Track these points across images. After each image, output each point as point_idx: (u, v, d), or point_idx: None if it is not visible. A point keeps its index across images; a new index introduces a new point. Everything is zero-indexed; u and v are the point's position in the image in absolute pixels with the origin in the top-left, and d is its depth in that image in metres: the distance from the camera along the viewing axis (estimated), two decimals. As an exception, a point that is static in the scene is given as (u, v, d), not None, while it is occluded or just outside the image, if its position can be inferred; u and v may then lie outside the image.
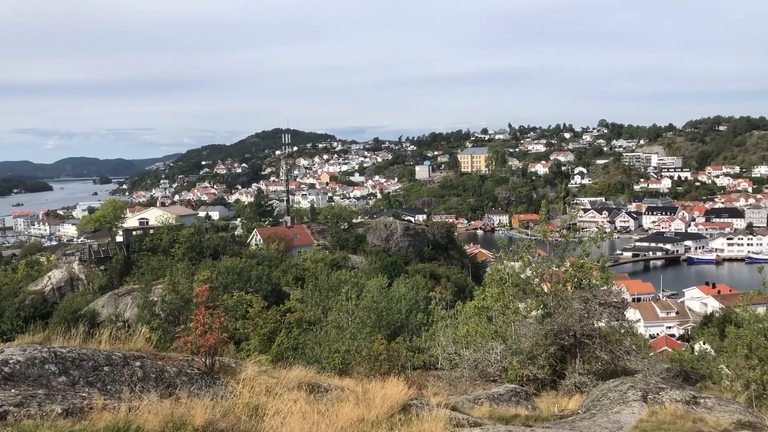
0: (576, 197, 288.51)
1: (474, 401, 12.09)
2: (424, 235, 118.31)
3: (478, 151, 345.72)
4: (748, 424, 8.68)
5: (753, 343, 18.59)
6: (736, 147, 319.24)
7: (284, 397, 8.77)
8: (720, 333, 47.51)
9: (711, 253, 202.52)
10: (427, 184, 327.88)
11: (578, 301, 18.88)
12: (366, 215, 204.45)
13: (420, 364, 26.61)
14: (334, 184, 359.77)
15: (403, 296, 43.23)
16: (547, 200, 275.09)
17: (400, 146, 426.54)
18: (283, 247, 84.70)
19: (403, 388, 9.67)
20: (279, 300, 50.28)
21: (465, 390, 15.88)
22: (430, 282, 74.33)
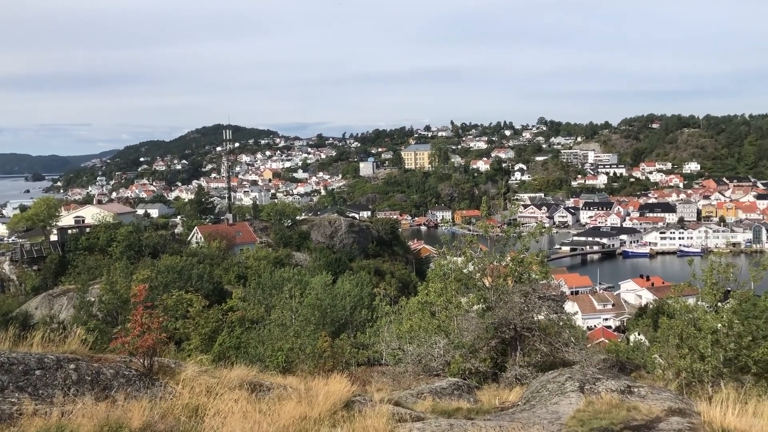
0: (516, 193, 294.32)
1: (417, 396, 12.17)
2: (368, 231, 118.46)
3: (422, 148, 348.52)
4: (678, 411, 9.03)
5: (684, 333, 19.30)
6: (668, 144, 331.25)
7: (225, 396, 8.64)
8: (653, 324, 49.24)
9: (645, 246, 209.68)
10: (371, 180, 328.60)
11: (518, 295, 19.23)
12: (310, 212, 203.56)
13: (364, 361, 26.64)
14: (277, 181, 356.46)
15: (347, 293, 43.21)
16: (488, 196, 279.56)
17: (344, 143, 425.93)
18: (225, 245, 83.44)
19: (346, 384, 9.66)
20: (221, 299, 49.49)
21: (409, 385, 15.97)
22: (375, 278, 74.63)
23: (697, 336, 18.62)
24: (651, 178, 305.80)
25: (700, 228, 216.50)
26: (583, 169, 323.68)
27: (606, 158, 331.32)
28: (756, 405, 8.34)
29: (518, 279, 21.88)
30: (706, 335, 18.23)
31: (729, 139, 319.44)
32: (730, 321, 18.69)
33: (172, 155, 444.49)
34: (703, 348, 18.01)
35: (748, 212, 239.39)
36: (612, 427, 8.27)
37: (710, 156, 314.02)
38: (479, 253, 23.49)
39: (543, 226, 28.17)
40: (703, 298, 20.32)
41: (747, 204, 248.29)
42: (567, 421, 8.75)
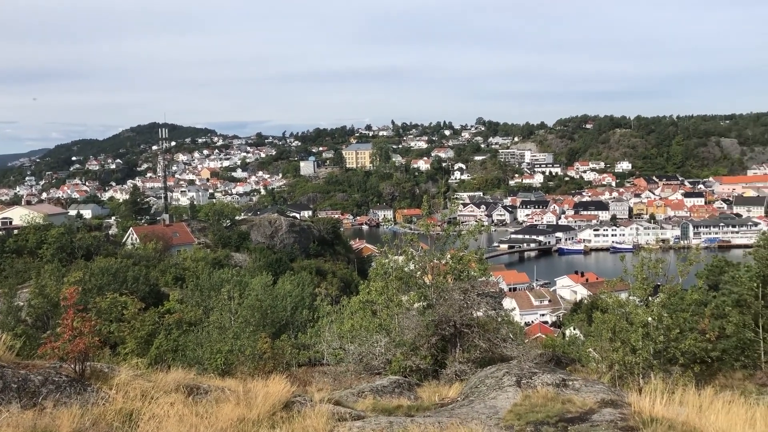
0: (456, 192, 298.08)
1: (358, 394, 12.18)
2: (309, 231, 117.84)
3: (363, 147, 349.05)
4: (610, 402, 9.32)
5: (616, 327, 19.93)
6: (601, 144, 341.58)
7: (161, 400, 8.43)
8: (588, 318, 50.67)
9: (579, 243, 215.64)
10: (312, 180, 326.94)
11: (458, 292, 19.46)
12: (249, 212, 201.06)
13: (305, 361, 26.49)
14: (216, 181, 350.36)
15: (288, 293, 42.84)
16: (428, 195, 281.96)
17: (284, 142, 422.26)
18: (162, 246, 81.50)
19: (286, 385, 9.57)
20: (158, 301, 48.24)
21: (350, 384, 15.96)
22: (316, 278, 74.25)
23: (628, 329, 19.25)
24: (585, 177, 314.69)
25: (632, 225, 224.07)
26: (520, 169, 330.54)
27: (542, 158, 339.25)
28: (682, 394, 8.69)
29: (458, 276, 22.14)
30: (638, 329, 18.88)
31: (658, 139, 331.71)
32: (660, 314, 19.40)
33: (105, 154, 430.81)
34: (635, 341, 18.64)
35: (676, 209, 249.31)
36: (548, 420, 8.47)
37: (641, 155, 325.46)
38: (420, 251, 23.69)
39: (482, 224, 28.61)
40: (635, 292, 21.03)
41: (675, 202, 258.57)
42: (504, 416, 8.92)
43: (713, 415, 7.74)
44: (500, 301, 24.38)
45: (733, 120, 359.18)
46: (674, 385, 9.84)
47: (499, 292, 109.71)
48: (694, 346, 19.33)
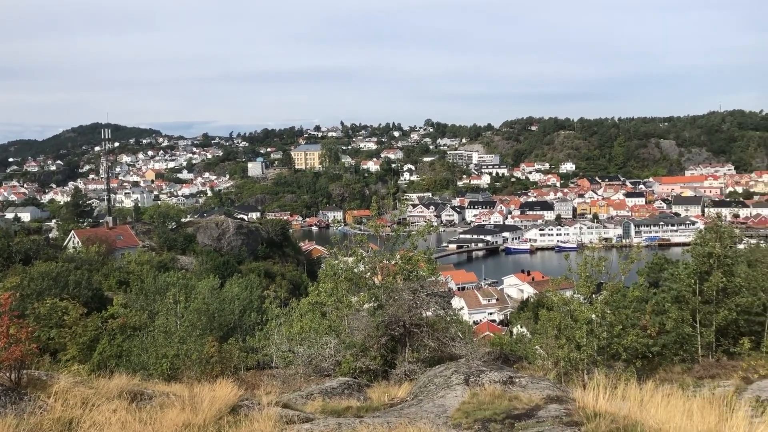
0: (405, 193, 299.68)
1: (307, 397, 12.10)
2: (257, 233, 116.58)
3: (312, 148, 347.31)
4: (556, 398, 9.50)
5: (561, 324, 20.37)
6: (545, 145, 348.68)
7: (103, 408, 8.18)
8: (534, 316, 51.60)
9: (526, 243, 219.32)
10: (260, 181, 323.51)
11: (407, 292, 19.53)
12: (196, 214, 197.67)
13: (254, 364, 26.20)
14: (161, 182, 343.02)
15: (236, 296, 42.32)
16: (378, 196, 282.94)
17: (232, 142, 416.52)
18: (105, 249, 79.34)
19: (233, 389, 9.43)
20: (101, 306, 46.98)
21: (299, 387, 15.84)
22: (265, 281, 73.54)
23: (573, 327, 19.68)
24: (530, 178, 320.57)
25: (576, 225, 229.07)
26: (468, 170, 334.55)
27: (489, 159, 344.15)
28: (624, 389, 8.91)
29: (407, 277, 22.25)
30: (582, 326, 19.31)
31: (601, 140, 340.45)
32: (603, 311, 19.91)
33: (45, 155, 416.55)
34: (579, 338, 19.07)
35: (618, 209, 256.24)
36: (495, 417, 8.58)
37: (584, 156, 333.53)
38: (370, 252, 23.72)
39: (431, 225, 28.83)
40: (579, 290, 21.52)
41: (617, 201, 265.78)
42: (453, 414, 8.99)
43: (653, 408, 7.96)
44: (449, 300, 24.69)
45: (671, 122, 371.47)
46: (617, 380, 10.09)
47: (447, 292, 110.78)
48: (635, 341, 19.90)
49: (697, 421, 7.28)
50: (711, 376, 19.68)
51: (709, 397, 9.76)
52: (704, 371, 20.84)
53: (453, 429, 8.39)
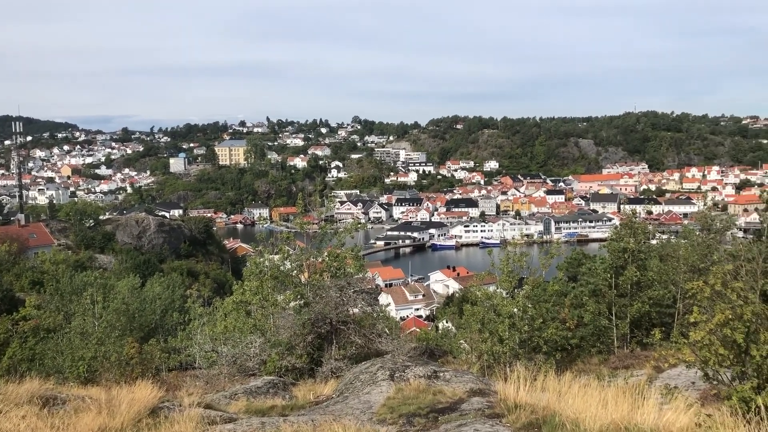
0: (333, 190, 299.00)
1: (231, 397, 11.91)
2: (180, 230, 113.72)
3: (237, 143, 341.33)
4: (478, 391, 9.70)
5: (485, 319, 20.83)
6: (470, 144, 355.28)
7: (11, 414, 7.78)
8: (459, 311, 52.48)
9: (451, 239, 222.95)
10: (182, 177, 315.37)
11: (334, 290, 19.49)
12: (115, 211, 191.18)
13: (176, 365, 25.57)
14: (77, 178, 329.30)
15: (157, 296, 41.18)
16: (304, 193, 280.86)
17: (153, 137, 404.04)
18: (16, 248, 75.48)
19: (153, 390, 9.16)
20: (12, 307, 44.66)
21: (223, 387, 15.55)
22: (188, 279, 71.93)
23: (496, 321, 20.15)
24: (456, 176, 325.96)
25: (499, 221, 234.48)
26: (396, 167, 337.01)
27: (416, 156, 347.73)
28: (544, 381, 9.19)
29: (334, 274, 22.23)
30: (504, 320, 19.81)
31: (523, 139, 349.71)
32: (525, 305, 20.49)
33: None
34: (502, 331, 19.55)
35: (539, 206, 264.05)
36: (419, 412, 8.68)
37: (507, 155, 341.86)
38: (296, 249, 23.55)
39: (358, 222, 28.93)
40: (501, 285, 22.05)
41: (538, 199, 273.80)
42: (378, 410, 9.04)
43: (571, 398, 8.24)
44: (376, 297, 24.76)
45: (589, 122, 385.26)
46: (537, 372, 10.39)
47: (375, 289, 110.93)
48: (555, 334, 20.57)
49: (612, 409, 7.58)
50: (625, 367, 20.57)
51: (623, 386, 10.18)
52: (619, 362, 21.76)
53: (378, 425, 8.43)
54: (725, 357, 9.44)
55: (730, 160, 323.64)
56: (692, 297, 11.47)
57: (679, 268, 25.75)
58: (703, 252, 27.24)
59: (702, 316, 9.81)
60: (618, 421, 7.21)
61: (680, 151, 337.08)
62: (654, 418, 7.36)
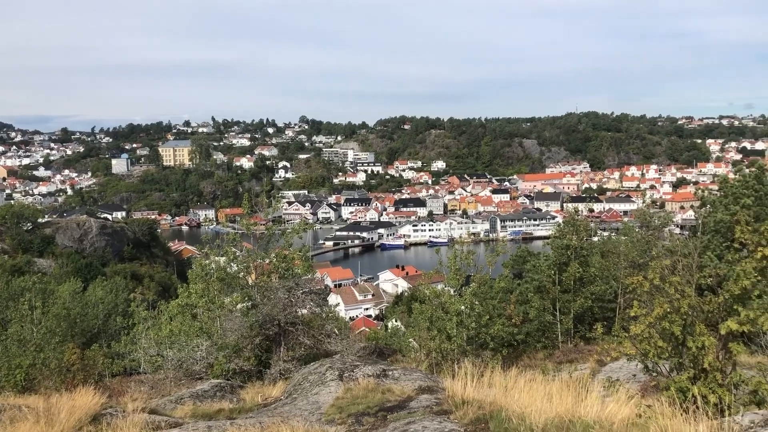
0: (281, 191, 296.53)
1: (177, 401, 11.68)
2: (123, 233, 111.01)
3: (181, 144, 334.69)
4: (427, 389, 9.78)
5: (433, 317, 21.02)
6: (418, 144, 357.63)
7: (-58, 427, 7.46)
8: (408, 310, 52.79)
9: (400, 239, 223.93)
10: (125, 178, 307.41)
11: (282, 291, 19.35)
12: (55, 213, 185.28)
13: (120, 371, 24.94)
14: (14, 180, 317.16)
15: (100, 300, 40.09)
16: (249, 194, 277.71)
17: (94, 138, 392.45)
18: (-53, 253, 72.35)
19: (95, 397, 8.91)
20: (-57, 316, 42.77)
21: (169, 391, 15.26)
22: (132, 283, 70.28)
23: (444, 318, 20.36)
24: (404, 176, 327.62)
25: (447, 220, 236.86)
26: (344, 167, 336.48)
27: (364, 157, 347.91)
28: (490, 376, 9.33)
29: (282, 275, 22.05)
30: (452, 317, 20.03)
31: (469, 139, 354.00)
32: (472, 303, 20.75)
33: None
34: (450, 329, 19.76)
35: (485, 205, 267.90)
36: (368, 411, 8.70)
37: (454, 155, 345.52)
38: (243, 251, 23.26)
39: (306, 222, 28.79)
40: (449, 283, 22.29)
41: (484, 198, 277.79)
42: (327, 410, 9.02)
43: (517, 393, 8.39)
44: (325, 297, 24.70)
45: (533, 123, 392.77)
46: (484, 368, 10.55)
47: (324, 289, 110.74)
48: (502, 330, 20.91)
49: (556, 403, 7.75)
50: (570, 361, 21.05)
51: (568, 380, 10.41)
52: (564, 356, 22.25)
53: (327, 425, 8.41)
54: (664, 349, 9.77)
55: (667, 159, 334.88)
56: (632, 292, 11.85)
57: (619, 263, 26.53)
58: (642, 248, 28.12)
59: (642, 310, 10.13)
60: (562, 414, 7.37)
61: (620, 151, 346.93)
62: (597, 411, 7.56)
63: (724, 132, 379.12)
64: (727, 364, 9.46)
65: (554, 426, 6.98)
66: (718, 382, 9.23)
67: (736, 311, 9.27)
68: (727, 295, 9.47)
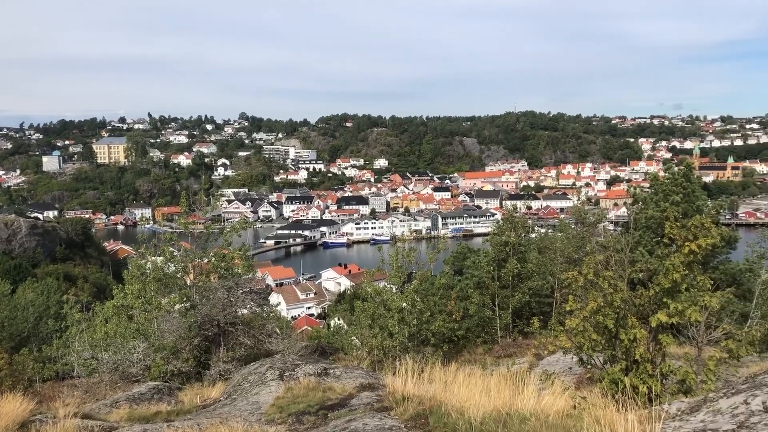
0: (220, 189, 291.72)
1: (112, 405, 11.36)
2: (55, 233, 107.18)
3: (116, 141, 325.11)
4: (368, 386, 9.81)
5: (375, 314, 21.09)
6: (360, 142, 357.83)
7: None
8: (351, 308, 52.81)
9: (342, 237, 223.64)
10: (57, 176, 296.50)
11: (222, 291, 19.08)
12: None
13: (52, 375, 24.13)
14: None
15: (30, 302, 38.62)
16: (189, 192, 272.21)
17: (23, 134, 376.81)
18: None
19: (23, 403, 8.57)
20: None
21: (104, 395, 14.84)
22: (64, 284, 67.99)
23: (386, 315, 20.46)
24: (346, 173, 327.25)
25: (389, 218, 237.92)
26: (285, 165, 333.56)
27: (306, 154, 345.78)
28: (430, 372, 9.43)
29: (222, 275, 21.74)
30: (394, 314, 20.14)
31: (410, 138, 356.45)
32: (413, 300, 20.92)
33: None
34: (392, 326, 19.87)
35: (427, 203, 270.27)
36: (309, 410, 8.66)
37: (396, 153, 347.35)
38: (181, 250, 22.83)
39: (245, 220, 28.43)
40: (391, 280, 22.40)
41: (426, 196, 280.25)
42: (267, 410, 8.94)
43: (457, 388, 8.50)
44: (266, 297, 24.47)
45: (473, 121, 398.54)
46: (425, 364, 10.65)
47: (265, 288, 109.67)
48: (443, 326, 21.15)
49: (494, 397, 7.90)
50: (508, 355, 21.49)
51: (506, 374, 10.61)
52: (503, 351, 22.69)
53: (266, 425, 8.33)
54: (598, 342, 10.07)
55: (601, 158, 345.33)
56: (568, 286, 12.16)
57: (556, 259, 27.20)
58: (577, 244, 28.91)
59: (576, 305, 10.41)
60: (500, 407, 7.52)
61: (557, 149, 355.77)
62: (533, 403, 7.74)
63: (655, 131, 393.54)
64: (657, 355, 9.82)
65: (492, 419, 7.11)
66: (648, 372, 9.56)
67: (665, 304, 9.62)
68: (657, 288, 9.82)
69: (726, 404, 7.06)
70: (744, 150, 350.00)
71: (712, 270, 26.53)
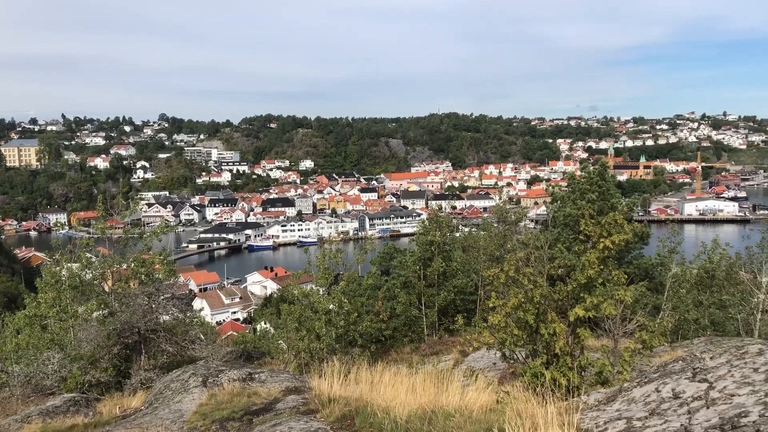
0: (140, 192, 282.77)
1: (23, 420, 10.81)
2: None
3: (27, 143, 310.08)
4: (294, 389, 9.72)
5: (302, 317, 20.94)
6: (285, 143, 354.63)
7: None
8: (277, 311, 52.20)
9: (268, 239, 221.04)
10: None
11: (142, 297, 18.51)
12: None
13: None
14: None
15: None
16: (105, 196, 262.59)
17: None
18: None
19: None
20: None
21: (15, 410, 14.09)
22: (-29, 294, 64.25)
23: (313, 318, 20.34)
24: (272, 175, 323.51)
25: (316, 220, 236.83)
26: (208, 167, 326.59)
27: (229, 156, 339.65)
28: (357, 373, 9.44)
29: (142, 281, 21.10)
30: (321, 316, 20.06)
31: (336, 139, 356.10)
32: (341, 301, 20.90)
33: None
34: (319, 328, 19.78)
35: (354, 204, 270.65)
36: (233, 416, 8.51)
37: (322, 154, 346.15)
38: (99, 256, 22.03)
39: (166, 224, 27.69)
40: (318, 282, 22.30)
41: (353, 197, 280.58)
42: (189, 417, 8.72)
43: (383, 388, 8.55)
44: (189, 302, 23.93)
45: (398, 123, 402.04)
46: (352, 365, 10.65)
47: (188, 294, 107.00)
48: (370, 327, 21.22)
49: (420, 395, 7.98)
50: (435, 353, 21.75)
51: (432, 372, 10.75)
52: (429, 349, 22.95)
53: (189, 433, 8.13)
54: (519, 337, 10.33)
55: (522, 158, 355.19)
56: (491, 284, 12.43)
57: (479, 257, 27.76)
58: (499, 242, 29.59)
59: (499, 301, 10.65)
60: (425, 405, 7.60)
61: (479, 150, 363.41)
62: (457, 400, 7.87)
63: (572, 132, 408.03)
64: (576, 348, 10.16)
65: (417, 417, 7.18)
66: (568, 365, 9.88)
67: (582, 299, 9.97)
68: (575, 283, 10.16)
69: (639, 393, 7.39)
70: (655, 150, 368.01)
71: (626, 265, 27.75)
